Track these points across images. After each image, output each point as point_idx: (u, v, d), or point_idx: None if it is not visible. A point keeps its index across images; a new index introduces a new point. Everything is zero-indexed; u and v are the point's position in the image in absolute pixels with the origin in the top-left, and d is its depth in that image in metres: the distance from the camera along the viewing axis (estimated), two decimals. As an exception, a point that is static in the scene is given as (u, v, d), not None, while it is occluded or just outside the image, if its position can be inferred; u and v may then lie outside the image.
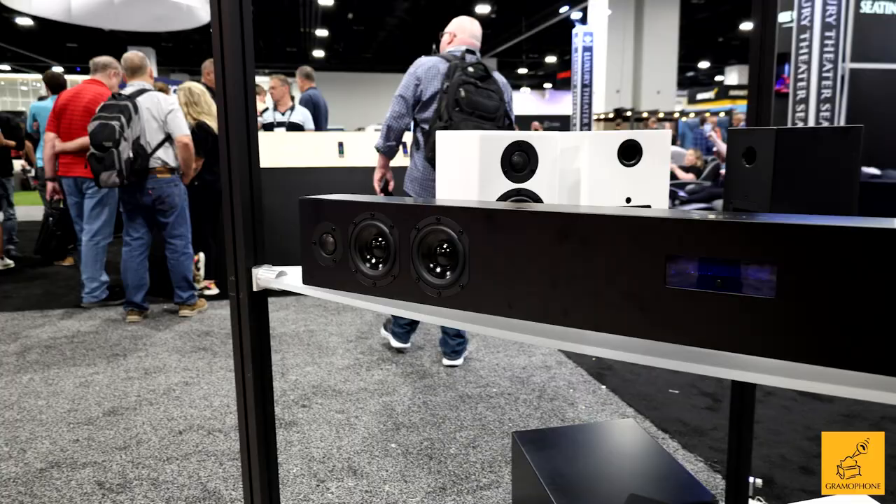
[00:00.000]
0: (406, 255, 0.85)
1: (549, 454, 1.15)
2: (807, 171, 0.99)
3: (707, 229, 0.64)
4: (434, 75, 2.68)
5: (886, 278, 0.56)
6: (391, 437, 2.20)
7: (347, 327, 3.57)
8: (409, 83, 2.72)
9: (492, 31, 20.70)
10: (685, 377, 2.76)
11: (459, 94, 2.53)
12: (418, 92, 2.70)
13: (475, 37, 2.85)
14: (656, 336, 0.68)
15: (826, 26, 6.53)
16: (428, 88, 2.68)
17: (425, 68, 2.70)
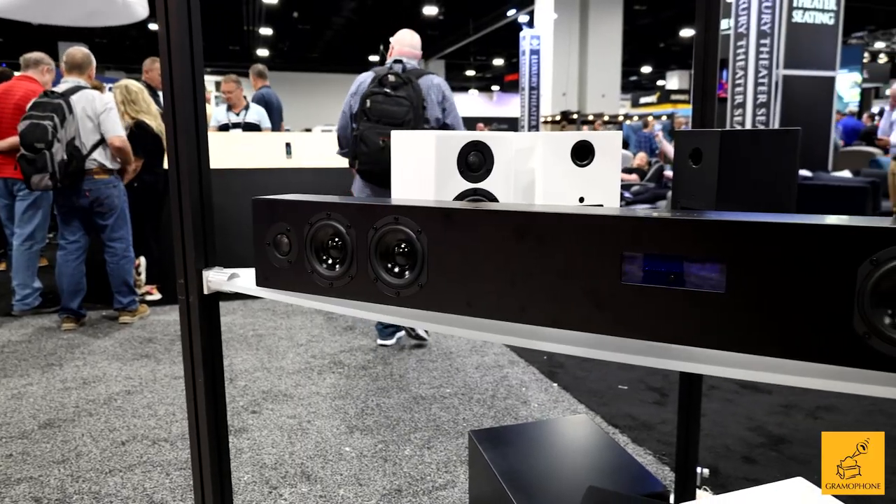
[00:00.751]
0: (363, 255, 0.84)
1: (505, 452, 1.16)
2: (749, 171, 1.03)
3: (661, 227, 0.66)
4: (360, 90, 2.92)
5: (827, 272, 0.58)
6: (345, 441, 2.18)
7: (298, 331, 3.51)
8: (347, 99, 2.99)
9: (439, 33, 20.78)
10: (633, 373, 2.83)
11: (366, 105, 2.82)
12: (352, 107, 2.95)
13: (412, 46, 3.09)
14: (613, 331, 0.69)
15: (761, 34, 6.83)
16: (357, 102, 2.92)
17: (357, 84, 2.97)
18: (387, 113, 2.79)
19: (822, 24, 8.09)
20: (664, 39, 22.09)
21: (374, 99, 2.80)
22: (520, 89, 12.17)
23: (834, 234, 0.58)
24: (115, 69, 22.46)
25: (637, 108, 22.47)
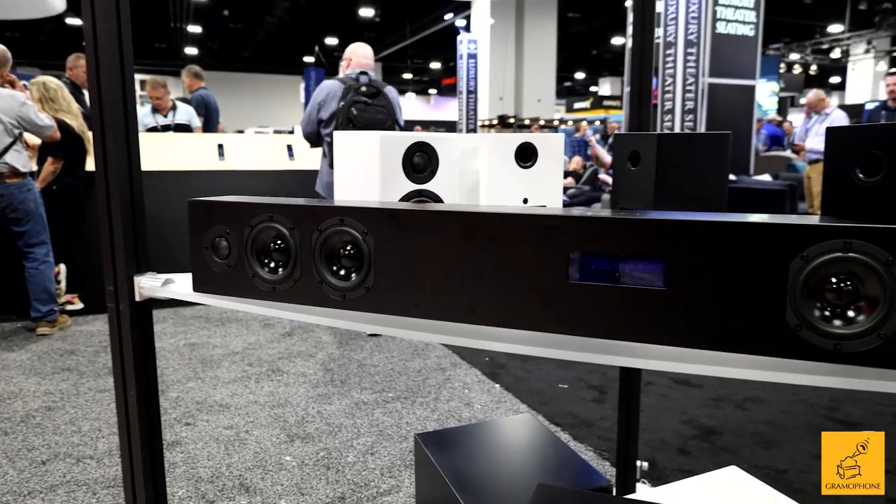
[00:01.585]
0: (308, 257, 0.82)
1: (452, 454, 1.16)
2: (684, 172, 1.06)
3: (605, 227, 0.68)
4: (332, 97, 3.19)
5: (761, 268, 0.61)
6: (285, 450, 2.13)
7: (233, 339, 3.41)
8: (313, 106, 3.25)
9: (376, 35, 20.66)
10: (573, 372, 2.89)
11: (352, 113, 3.12)
12: (320, 112, 3.22)
13: (369, 58, 3.42)
14: (561, 330, 0.70)
15: (688, 43, 7.13)
16: (327, 109, 3.20)
17: (325, 92, 3.23)
18: (372, 120, 3.16)
19: (743, 35, 8.53)
20: (596, 47, 22.75)
21: (357, 108, 3.13)
22: (458, 93, 12.25)
23: (768, 232, 0.61)
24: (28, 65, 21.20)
25: (571, 113, 23.05)
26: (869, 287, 0.59)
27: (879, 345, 0.59)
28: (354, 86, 3.17)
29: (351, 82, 3.20)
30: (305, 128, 3.31)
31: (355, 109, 3.12)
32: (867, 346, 0.59)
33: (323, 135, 3.25)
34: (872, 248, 0.58)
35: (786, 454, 2.11)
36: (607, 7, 17.18)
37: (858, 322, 0.59)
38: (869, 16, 18.17)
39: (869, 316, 0.59)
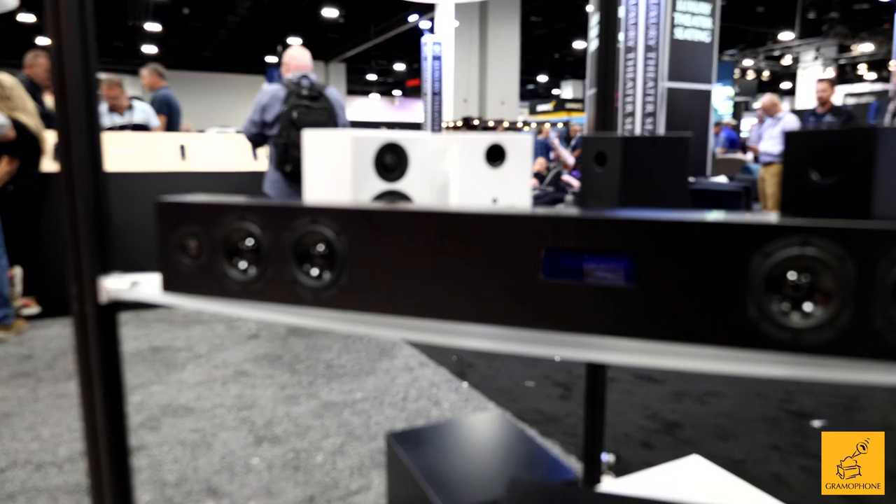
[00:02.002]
0: (280, 257, 0.82)
1: (422, 452, 1.17)
2: (648, 173, 1.10)
3: (576, 226, 0.70)
4: (276, 100, 3.27)
5: (724, 264, 0.64)
6: (253, 452, 2.10)
7: (197, 342, 3.35)
8: (256, 109, 3.31)
9: (340, 36, 20.54)
10: (539, 370, 2.93)
11: (293, 116, 3.21)
12: (263, 115, 3.29)
13: (306, 60, 3.52)
14: (533, 325, 0.72)
15: (648, 48, 7.28)
16: (271, 111, 3.27)
17: (268, 96, 3.30)
18: (314, 122, 3.24)
19: (700, 41, 8.76)
20: (558, 50, 23.05)
21: (299, 111, 3.22)
22: (422, 94, 12.26)
23: (729, 229, 0.64)
24: (-22, 62, 20.45)
25: (534, 116, 23.29)
26: (824, 281, 0.62)
27: (834, 336, 0.62)
28: (296, 90, 3.28)
29: (293, 86, 3.29)
30: (249, 130, 3.35)
31: (296, 112, 3.22)
32: (822, 338, 0.62)
33: (268, 136, 3.32)
34: (827, 245, 0.62)
35: (743, 445, 2.18)
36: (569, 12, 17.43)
37: (814, 315, 0.62)
38: (817, 24, 18.88)
39: (824, 309, 0.62)
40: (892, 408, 2.49)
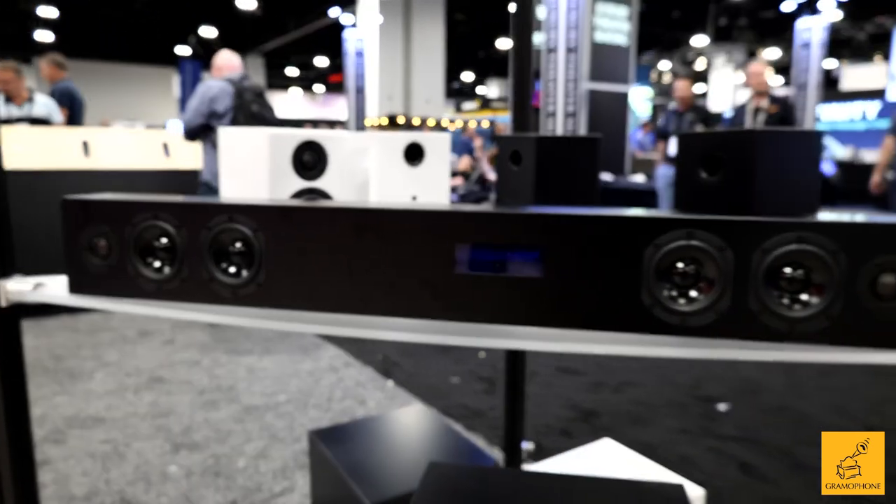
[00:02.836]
0: (196, 255, 0.81)
1: (347, 448, 1.18)
2: (561, 172, 1.15)
3: (487, 221, 0.73)
4: (225, 94, 3.42)
5: (621, 255, 0.69)
6: (170, 460, 2.04)
7: (106, 349, 3.19)
8: (204, 100, 3.41)
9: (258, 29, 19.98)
10: (465, 367, 2.98)
11: (253, 109, 3.42)
12: (213, 106, 3.40)
13: (239, 63, 3.74)
14: (448, 317, 0.75)
15: (568, 50, 7.52)
16: (220, 104, 3.41)
17: (216, 88, 3.44)
18: (266, 118, 3.50)
19: (618, 44, 9.13)
20: (483, 49, 23.36)
21: (253, 108, 3.43)
22: (345, 91, 12.12)
23: (626, 223, 0.69)
24: None
25: (460, 114, 23.52)
26: (707, 270, 0.69)
27: (716, 319, 0.69)
28: (248, 87, 3.48)
29: (240, 84, 3.46)
30: (194, 119, 3.41)
31: (255, 106, 3.44)
32: (706, 321, 0.69)
33: (215, 126, 3.42)
34: (709, 237, 0.68)
35: (654, 429, 2.31)
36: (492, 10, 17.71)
37: (699, 300, 0.69)
38: (728, 30, 20.08)
39: (707, 295, 0.68)
40: (788, 391, 2.70)
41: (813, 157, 0.80)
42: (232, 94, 3.43)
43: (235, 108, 3.40)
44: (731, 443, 2.19)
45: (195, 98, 3.47)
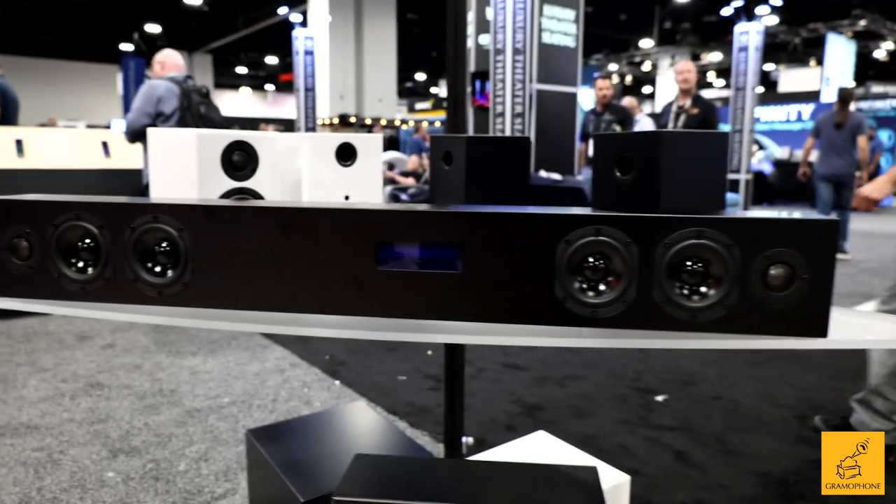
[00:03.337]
0: (120, 255, 0.81)
1: (284, 445, 1.19)
2: (491, 171, 1.19)
3: (408, 219, 0.76)
4: (171, 94, 3.37)
5: (535, 251, 0.73)
6: (107, 466, 1.99)
7: (41, 355, 3.08)
8: (149, 100, 3.35)
9: (205, 25, 19.52)
10: (412, 364, 3.00)
11: (201, 111, 3.41)
12: (159, 107, 3.35)
13: (182, 62, 3.68)
14: (373, 313, 0.77)
15: (516, 51, 7.61)
16: (167, 104, 3.35)
17: (162, 89, 3.37)
18: (215, 120, 3.48)
19: (565, 46, 9.30)
20: (436, 48, 23.39)
21: (201, 109, 3.42)
22: (295, 90, 11.96)
23: (538, 220, 0.73)
24: None
25: (413, 114, 23.52)
26: (615, 264, 0.73)
27: (623, 311, 0.73)
28: (194, 87, 3.44)
29: (185, 84, 3.42)
30: (139, 120, 3.34)
31: (203, 108, 3.42)
32: (615, 312, 0.73)
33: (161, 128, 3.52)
34: (616, 233, 0.72)
35: (596, 421, 2.38)
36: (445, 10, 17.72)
37: (607, 293, 0.73)
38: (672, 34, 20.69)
39: (615, 288, 0.73)
40: (721, 381, 2.82)
41: (718, 158, 0.85)
42: (178, 94, 3.38)
43: (183, 110, 3.36)
44: (667, 432, 2.28)
45: (140, 98, 3.40)
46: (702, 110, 4.52)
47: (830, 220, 0.72)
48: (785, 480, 1.95)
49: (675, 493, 1.87)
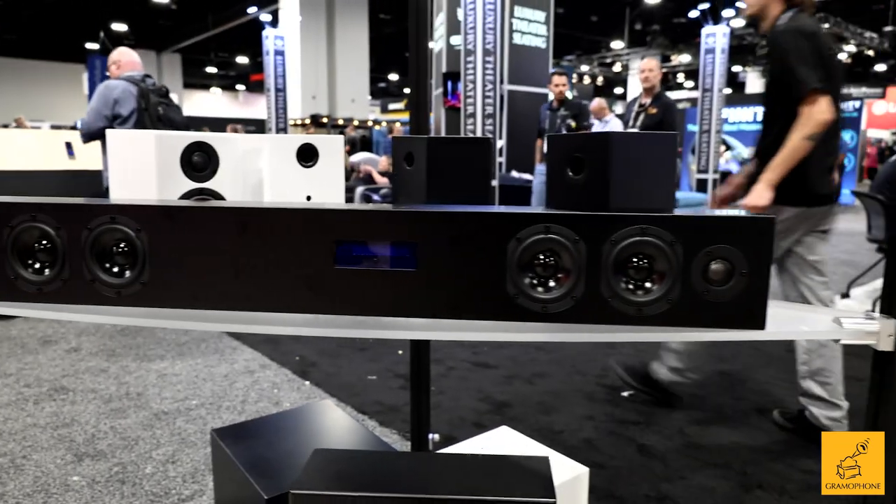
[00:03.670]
0: (77, 256, 0.81)
1: (249, 444, 1.20)
2: (453, 171, 1.21)
3: (365, 218, 0.77)
4: (129, 95, 3.28)
5: (487, 248, 0.75)
6: (72, 471, 1.97)
7: (4, 359, 3.02)
8: (106, 102, 3.27)
9: (174, 24, 19.22)
10: (381, 364, 3.01)
11: (160, 112, 3.31)
12: (116, 109, 3.26)
13: (139, 60, 3.58)
14: (331, 310, 0.79)
15: (486, 52, 7.65)
16: (125, 106, 3.27)
17: (119, 89, 3.28)
18: (174, 120, 3.39)
19: (536, 46, 9.38)
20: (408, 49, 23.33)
21: (160, 111, 3.34)
22: (265, 90, 11.86)
23: (490, 219, 0.75)
24: None
25: (386, 114, 23.46)
26: (564, 261, 0.76)
27: (572, 305, 0.76)
28: (152, 87, 3.35)
29: (143, 84, 3.34)
30: (95, 123, 3.26)
31: (161, 109, 3.33)
32: (564, 307, 0.76)
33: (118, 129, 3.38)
34: (565, 231, 0.75)
35: (562, 417, 2.42)
36: (411, 12, 17.71)
37: (557, 289, 0.76)
38: (643, 35, 21.00)
39: (564, 284, 0.76)
40: (684, 375, 2.88)
41: (667, 158, 0.88)
42: (136, 95, 3.29)
43: (141, 111, 3.27)
44: (632, 426, 2.33)
45: (96, 99, 3.32)
46: (660, 110, 4.59)
47: (767, 217, 0.75)
48: (743, 472, 2.01)
49: (638, 486, 1.91)
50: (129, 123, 3.26)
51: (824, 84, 1.94)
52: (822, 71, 1.96)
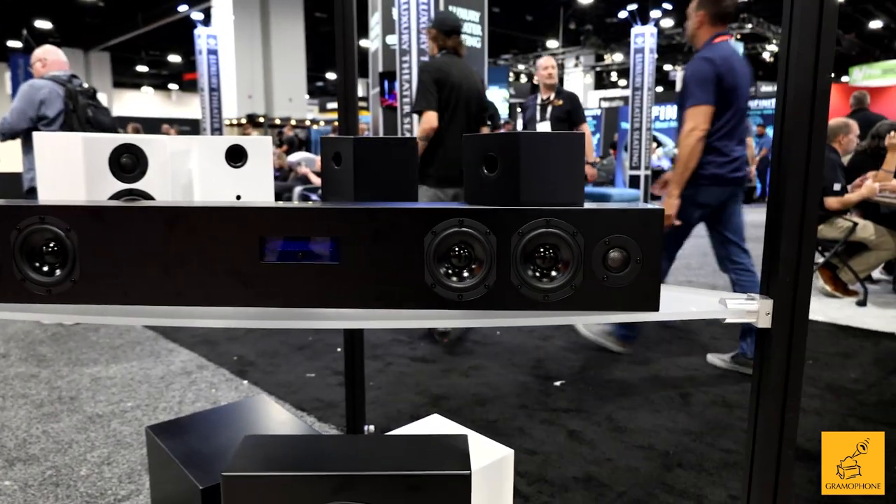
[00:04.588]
0: (7, 256, 0.83)
1: (184, 439, 1.22)
2: (379, 171, 1.26)
3: (290, 216, 0.82)
4: (55, 96, 3.25)
5: (406, 241, 0.81)
6: (3, 475, 1.92)
7: (-77, 369, 2.88)
8: (31, 103, 3.21)
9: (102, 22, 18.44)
10: (321, 362, 3.03)
11: (88, 114, 3.30)
12: (42, 110, 3.22)
13: (65, 59, 3.52)
14: (258, 303, 0.83)
15: (421, 52, 7.71)
16: (51, 107, 3.23)
17: (45, 90, 3.24)
18: (102, 123, 3.37)
19: (472, 46, 9.49)
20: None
21: (88, 113, 3.31)
22: (199, 90, 11.54)
23: (408, 214, 0.82)
24: None
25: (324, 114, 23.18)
26: (477, 252, 0.83)
27: (485, 293, 0.83)
28: (80, 89, 3.32)
29: (70, 85, 3.29)
30: (19, 124, 3.21)
31: (90, 111, 3.30)
32: (478, 295, 0.83)
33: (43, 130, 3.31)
34: (477, 224, 0.82)
35: (497, 408, 2.51)
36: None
37: (471, 278, 0.83)
38: (577, 35, 21.51)
39: (477, 273, 0.83)
40: (615, 365, 3.03)
41: (575, 155, 0.96)
42: (63, 96, 3.22)
43: (69, 112, 3.21)
44: (563, 414, 2.44)
45: (20, 99, 3.21)
46: (566, 101, 4.80)
47: (655, 209, 0.84)
48: (666, 452, 2.14)
49: (566, 469, 2.02)
50: (55, 125, 3.18)
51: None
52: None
